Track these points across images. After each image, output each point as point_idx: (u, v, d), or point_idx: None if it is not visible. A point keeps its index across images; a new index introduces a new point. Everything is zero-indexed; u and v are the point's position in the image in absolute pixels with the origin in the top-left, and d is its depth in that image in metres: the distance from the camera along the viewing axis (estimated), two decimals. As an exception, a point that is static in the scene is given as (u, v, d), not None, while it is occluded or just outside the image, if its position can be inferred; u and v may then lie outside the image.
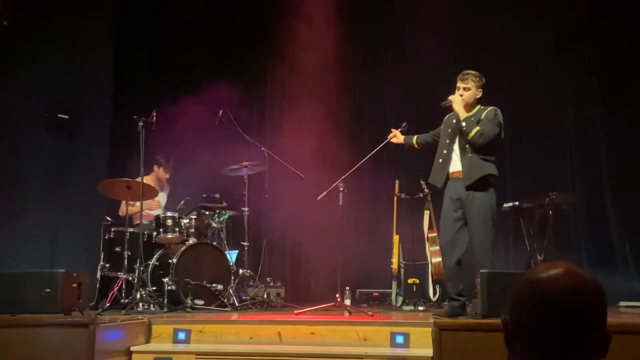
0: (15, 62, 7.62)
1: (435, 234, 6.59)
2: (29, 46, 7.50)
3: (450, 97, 5.05)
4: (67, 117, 7.42)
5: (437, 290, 6.51)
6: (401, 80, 7.88)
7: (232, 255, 6.73)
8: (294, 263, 7.62)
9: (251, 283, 6.91)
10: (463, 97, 5.02)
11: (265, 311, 5.99)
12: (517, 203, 6.28)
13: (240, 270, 6.57)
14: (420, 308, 6.19)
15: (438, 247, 6.54)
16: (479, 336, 3.92)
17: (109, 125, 7.69)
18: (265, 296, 6.35)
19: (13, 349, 3.97)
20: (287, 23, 8.10)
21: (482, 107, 5.04)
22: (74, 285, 4.43)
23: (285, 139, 7.66)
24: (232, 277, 6.28)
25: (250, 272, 6.69)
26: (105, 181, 6.47)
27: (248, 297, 6.50)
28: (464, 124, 4.92)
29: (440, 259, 6.48)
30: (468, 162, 4.92)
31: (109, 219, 6.58)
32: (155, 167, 7.03)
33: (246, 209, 6.68)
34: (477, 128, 4.87)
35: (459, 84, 5.08)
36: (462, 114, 4.95)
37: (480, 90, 5.06)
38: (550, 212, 6.14)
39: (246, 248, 6.62)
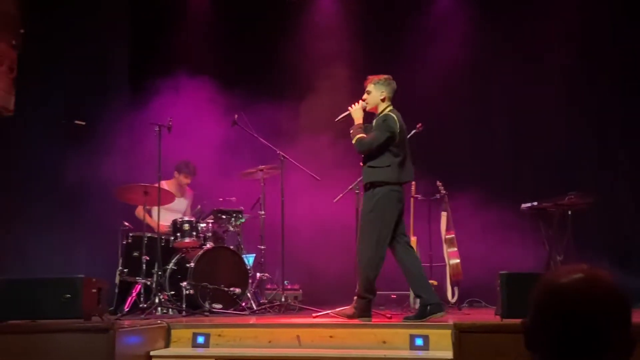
0: (32, 69, 7.69)
1: (453, 235, 6.57)
2: (45, 53, 7.57)
3: (350, 108, 5.20)
4: (84, 123, 7.46)
5: (456, 291, 6.47)
6: (415, 82, 7.85)
7: (249, 259, 6.73)
8: (311, 266, 7.59)
9: (268, 286, 6.92)
10: (366, 101, 5.16)
11: (284, 314, 5.99)
12: (535, 203, 6.23)
13: (258, 274, 6.58)
14: (439, 310, 6.14)
15: (456, 249, 6.53)
16: (499, 338, 3.89)
17: (126, 131, 7.72)
18: (282, 299, 6.34)
19: (33, 354, 4.00)
20: (301, 27, 8.14)
21: (385, 113, 5.10)
22: (94, 290, 4.45)
23: (301, 142, 7.64)
24: (250, 281, 6.29)
25: (268, 276, 6.70)
26: (123, 186, 6.51)
27: (266, 301, 6.50)
28: (351, 131, 5.10)
29: (458, 261, 6.46)
30: (363, 169, 5.12)
31: (126, 224, 6.63)
32: (176, 173, 7.08)
33: (262, 212, 6.68)
34: (358, 136, 5.01)
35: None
36: (356, 121, 5.14)
37: (384, 92, 5.15)
38: (570, 213, 6.08)
39: (263, 251, 6.62)
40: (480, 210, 7.03)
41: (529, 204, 6.33)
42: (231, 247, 6.51)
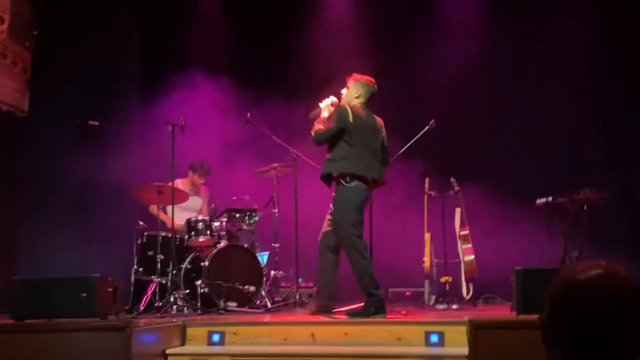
0: (45, 70, 7.75)
1: (467, 232, 6.53)
2: (58, 54, 7.62)
3: (320, 104, 5.34)
4: (97, 123, 7.50)
5: (471, 288, 6.44)
6: (428, 78, 7.84)
7: (263, 257, 6.74)
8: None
9: (283, 284, 6.92)
10: (343, 95, 5.31)
11: (298, 312, 5.99)
12: (550, 199, 6.19)
13: (272, 272, 6.59)
14: (454, 307, 6.12)
15: (470, 245, 6.50)
16: (515, 334, 3.87)
17: (140, 130, 7.76)
18: (297, 297, 6.35)
19: (51, 353, 4.03)
20: (313, 25, 8.13)
21: (342, 105, 5.21)
22: (109, 289, 4.48)
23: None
24: (264, 279, 6.30)
25: (282, 273, 6.71)
26: (137, 186, 6.55)
27: (280, 299, 6.51)
28: (315, 123, 5.20)
29: (473, 257, 6.44)
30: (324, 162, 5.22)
31: (141, 223, 6.66)
32: (190, 172, 7.10)
33: (276, 210, 6.69)
34: (315, 128, 5.13)
35: None
36: (322, 114, 5.25)
37: (360, 92, 5.26)
38: (585, 208, 6.04)
39: (277, 249, 6.63)
40: (494, 206, 6.99)
41: (543, 200, 6.29)
42: (245, 245, 6.53)
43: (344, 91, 5.33)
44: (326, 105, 5.28)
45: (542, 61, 7.49)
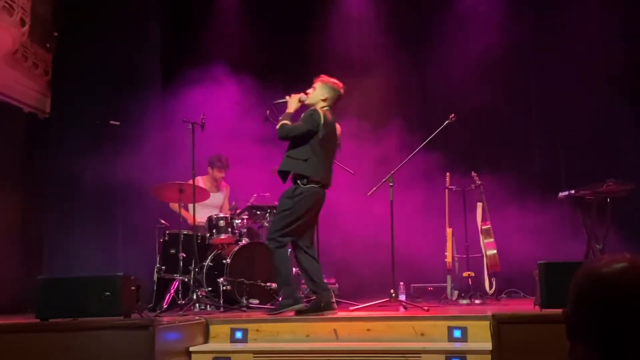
0: (66, 71, 7.82)
1: (489, 226, 6.49)
2: (78, 55, 7.69)
3: (288, 97, 5.31)
4: (118, 123, 7.56)
5: (493, 283, 6.40)
6: (448, 71, 7.80)
7: (284, 254, 6.74)
8: (346, 260, 7.59)
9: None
10: (309, 95, 5.25)
11: (320, 308, 5.98)
12: (573, 191, 6.12)
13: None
14: (477, 301, 6.09)
15: (492, 239, 6.45)
16: (539, 328, 3.84)
17: (160, 129, 7.80)
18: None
19: (75, 352, 4.06)
20: (332, 19, 8.11)
21: (315, 108, 5.16)
22: (133, 288, 4.50)
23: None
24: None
25: (304, 270, 6.69)
26: (158, 184, 6.58)
27: (302, 295, 6.50)
28: (280, 117, 5.19)
29: (495, 251, 6.39)
30: (283, 158, 5.18)
31: (163, 221, 6.69)
32: (209, 169, 7.13)
33: (297, 207, 6.68)
34: (282, 122, 5.09)
35: None
36: (288, 109, 5.22)
37: (326, 94, 5.21)
38: (608, 200, 5.96)
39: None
40: (516, 199, 6.94)
41: (566, 192, 6.22)
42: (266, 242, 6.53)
43: (310, 91, 5.30)
44: (294, 100, 5.27)
45: (566, 52, 7.41)
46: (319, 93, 5.24)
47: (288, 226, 5.01)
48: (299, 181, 5.06)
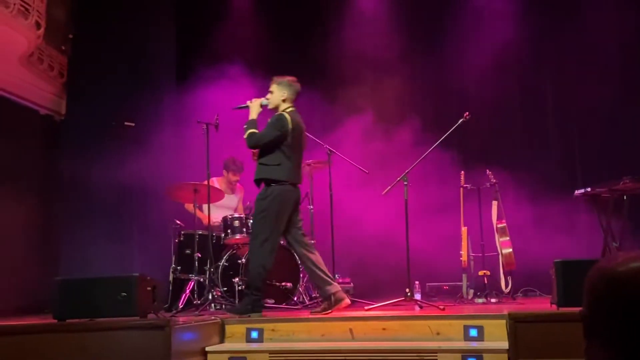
0: (81, 73, 7.87)
1: (505, 225, 6.45)
2: (93, 57, 7.74)
3: (249, 102, 5.35)
4: (133, 124, 7.60)
5: (509, 281, 6.37)
6: (463, 68, 7.77)
7: (299, 254, 6.74)
8: (361, 259, 7.59)
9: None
10: (269, 99, 5.31)
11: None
12: (589, 189, 6.07)
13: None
14: (493, 300, 6.07)
15: (508, 238, 6.42)
16: (556, 327, 3.83)
17: (175, 129, 7.84)
18: (334, 293, 6.33)
19: (92, 352, 4.09)
20: (345, 17, 8.10)
21: (280, 112, 5.23)
22: (149, 288, 4.52)
23: (347, 135, 7.63)
24: (301, 275, 6.31)
25: (318, 270, 6.70)
26: (173, 185, 6.61)
27: (317, 295, 6.51)
28: (245, 125, 5.21)
29: (511, 250, 6.36)
30: (256, 166, 5.27)
31: (178, 222, 6.72)
32: (224, 171, 7.15)
33: (311, 206, 6.69)
34: (250, 130, 5.14)
35: None
36: (251, 116, 5.27)
37: (285, 93, 5.28)
38: (625, 198, 5.91)
39: (313, 245, 6.62)
40: (532, 197, 6.90)
41: (582, 190, 6.17)
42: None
43: (268, 96, 5.37)
44: (255, 105, 5.34)
45: (582, 48, 7.35)
46: (277, 95, 5.32)
47: (267, 230, 5.12)
48: (272, 183, 5.17)
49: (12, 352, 4.14)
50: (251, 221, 6.48)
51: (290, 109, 5.30)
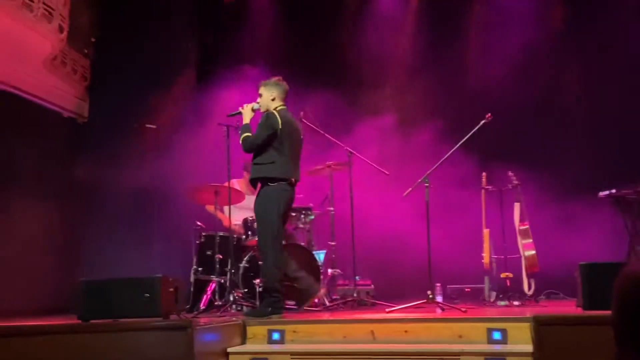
0: (103, 76, 7.94)
1: (527, 226, 6.39)
2: (116, 59, 7.80)
3: (241, 107, 5.44)
4: (154, 126, 7.65)
5: (532, 284, 6.30)
6: (484, 69, 7.72)
7: (319, 255, 6.75)
8: (382, 260, 7.57)
9: (340, 282, 6.92)
10: (259, 103, 5.41)
11: (357, 310, 5.97)
12: (613, 191, 6.01)
13: (329, 270, 6.59)
14: (516, 303, 6.01)
15: (531, 240, 6.36)
16: (581, 330, 3.78)
17: (196, 131, 7.87)
18: (355, 295, 6.33)
19: (115, 353, 4.12)
20: (365, 19, 8.09)
21: (269, 111, 5.32)
22: (171, 289, 4.54)
23: (368, 137, 7.61)
24: (322, 277, 6.30)
25: (339, 272, 6.70)
26: (194, 187, 6.64)
27: (338, 297, 6.50)
28: (239, 131, 5.30)
29: (534, 252, 6.30)
30: (252, 167, 5.37)
31: (199, 223, 6.75)
32: (245, 173, 7.16)
33: (332, 208, 6.69)
34: (244, 135, 5.22)
35: None
36: (244, 120, 5.37)
37: (274, 93, 5.37)
38: (651, 199, 5.85)
39: (333, 247, 6.63)
40: (555, 199, 6.84)
41: (607, 192, 6.11)
42: (302, 244, 6.54)
43: (258, 100, 5.45)
44: (247, 110, 5.40)
45: (606, 49, 7.27)
46: (266, 96, 5.41)
47: (273, 230, 5.20)
48: (269, 182, 5.24)
49: (37, 352, 4.18)
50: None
51: (280, 107, 5.38)
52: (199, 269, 6.45)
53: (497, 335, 4.21)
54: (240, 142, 5.30)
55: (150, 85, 7.74)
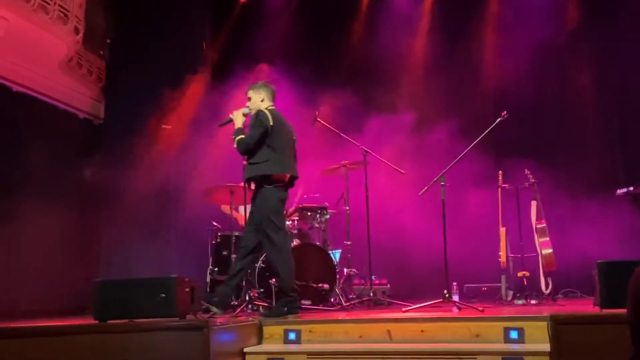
0: (119, 77, 7.99)
1: (544, 225, 6.35)
2: (131, 61, 7.84)
3: (231, 114, 5.41)
4: (169, 127, 7.68)
5: (549, 282, 6.26)
6: (501, 68, 7.67)
7: (335, 255, 6.74)
8: (398, 260, 7.55)
9: (356, 282, 6.90)
10: (249, 106, 5.40)
11: (373, 309, 5.96)
12: (631, 188, 5.94)
13: (345, 269, 6.58)
14: (533, 302, 5.96)
15: (548, 238, 6.31)
16: (599, 329, 3.74)
17: (211, 132, 7.89)
18: (371, 294, 6.32)
19: (132, 352, 4.13)
20: (380, 18, 8.07)
21: (258, 110, 5.29)
22: (187, 289, 4.55)
23: (383, 135, 7.60)
24: (337, 277, 6.29)
25: (355, 271, 6.68)
26: (209, 186, 6.65)
27: (354, 296, 6.49)
28: (233, 135, 5.29)
29: (551, 251, 6.25)
30: (246, 167, 5.35)
31: (215, 223, 6.76)
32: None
33: (347, 207, 6.67)
34: (237, 138, 5.20)
35: None
36: (236, 125, 5.33)
37: (262, 94, 5.39)
38: (669, 197, 5.78)
39: (349, 247, 6.61)
40: (572, 197, 6.79)
41: (624, 189, 6.05)
42: (317, 243, 6.54)
43: (248, 104, 5.44)
44: (238, 115, 5.38)
45: (623, 44, 7.19)
46: (255, 98, 5.43)
47: (278, 229, 5.21)
48: (264, 184, 5.23)
49: (54, 352, 4.20)
50: (288, 222, 6.51)
51: (270, 107, 5.38)
52: (215, 268, 6.46)
53: (514, 335, 4.18)
54: (235, 145, 5.28)
55: (165, 85, 7.78)
